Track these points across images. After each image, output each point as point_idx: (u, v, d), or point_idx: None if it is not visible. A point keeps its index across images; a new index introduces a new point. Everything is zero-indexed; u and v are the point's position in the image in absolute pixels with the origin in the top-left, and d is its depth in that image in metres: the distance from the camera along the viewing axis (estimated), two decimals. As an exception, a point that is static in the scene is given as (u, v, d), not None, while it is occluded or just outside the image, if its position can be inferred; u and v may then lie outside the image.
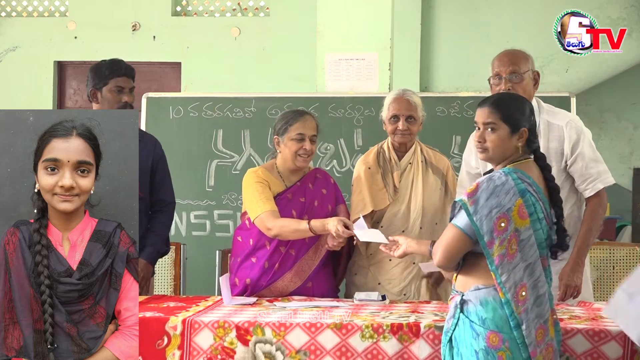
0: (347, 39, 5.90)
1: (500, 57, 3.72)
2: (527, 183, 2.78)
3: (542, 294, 2.75)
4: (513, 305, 2.71)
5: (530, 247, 2.74)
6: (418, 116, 3.93)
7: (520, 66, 3.66)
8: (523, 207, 2.73)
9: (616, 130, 8.19)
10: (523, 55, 3.71)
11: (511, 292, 2.71)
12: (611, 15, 7.37)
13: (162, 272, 4.52)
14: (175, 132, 5.72)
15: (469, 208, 2.73)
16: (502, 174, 2.77)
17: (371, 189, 3.92)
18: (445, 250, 2.81)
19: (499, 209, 2.71)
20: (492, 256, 2.72)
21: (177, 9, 7.99)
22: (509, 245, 2.71)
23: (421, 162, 3.96)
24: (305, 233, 3.69)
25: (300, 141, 3.79)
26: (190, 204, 5.68)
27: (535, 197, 2.79)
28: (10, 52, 8.06)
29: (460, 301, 2.80)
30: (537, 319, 2.72)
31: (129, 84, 3.85)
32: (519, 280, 2.71)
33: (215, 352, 3.15)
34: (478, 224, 2.72)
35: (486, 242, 2.71)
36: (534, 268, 2.74)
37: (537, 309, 2.73)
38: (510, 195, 2.72)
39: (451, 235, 2.80)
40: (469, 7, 7.66)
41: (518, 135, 2.86)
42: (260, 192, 3.78)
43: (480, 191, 2.74)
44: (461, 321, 2.79)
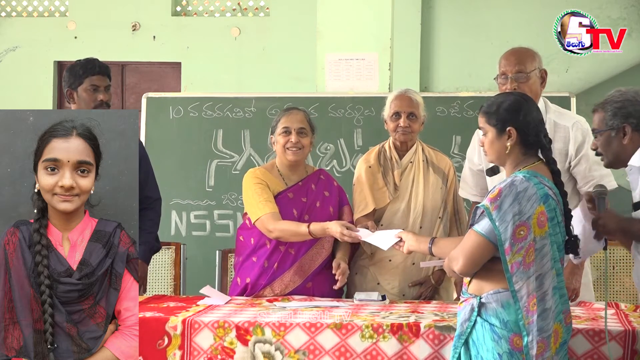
0: (347, 39, 5.90)
1: (506, 56, 3.69)
2: (547, 187, 2.76)
3: (548, 308, 2.71)
4: (523, 314, 2.69)
5: (543, 257, 2.71)
6: (420, 114, 3.93)
7: (526, 65, 3.64)
8: (543, 214, 2.71)
9: (616, 130, 8.18)
10: (530, 54, 3.69)
11: (522, 301, 2.69)
12: (611, 15, 7.38)
13: (162, 272, 4.52)
14: (175, 132, 5.72)
15: (492, 213, 2.70)
16: (523, 179, 2.73)
17: (372, 187, 3.92)
18: (469, 258, 2.77)
19: (520, 216, 2.68)
20: (509, 263, 2.69)
21: (177, 9, 7.99)
22: (527, 254, 2.69)
23: (422, 162, 3.97)
24: (305, 236, 3.69)
25: (287, 135, 3.81)
26: (190, 204, 5.68)
27: (556, 200, 2.77)
28: (10, 52, 8.06)
29: (477, 304, 2.77)
30: (539, 332, 2.69)
31: (105, 82, 3.83)
32: (532, 291, 2.69)
33: (216, 352, 3.15)
34: (501, 230, 2.69)
35: (505, 249, 2.69)
36: (543, 280, 2.71)
37: (542, 322, 2.69)
38: (532, 202, 2.70)
39: (475, 242, 2.76)
40: (469, 7, 7.66)
41: (506, 136, 2.83)
42: (260, 194, 3.78)
43: (502, 196, 2.71)
44: (479, 324, 2.76)
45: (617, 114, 2.90)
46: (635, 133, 2.89)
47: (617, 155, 2.93)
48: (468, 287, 2.84)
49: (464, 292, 2.87)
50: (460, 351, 2.81)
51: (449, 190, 3.98)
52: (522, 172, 2.79)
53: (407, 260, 3.89)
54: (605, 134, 2.93)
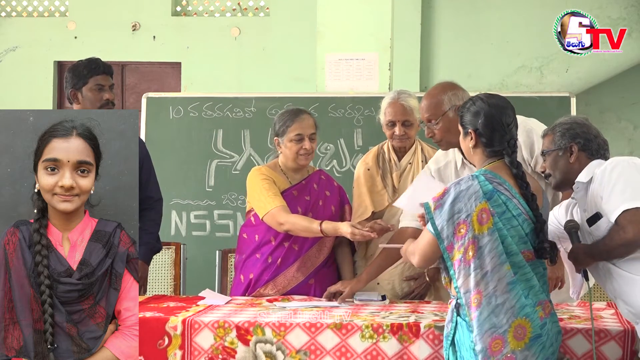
0: (347, 39, 5.91)
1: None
2: (496, 182, 2.80)
3: (500, 304, 2.72)
4: (466, 310, 2.74)
5: (488, 254, 2.73)
6: (414, 119, 3.91)
7: (433, 113, 3.57)
8: (485, 211, 2.74)
9: (616, 130, 8.18)
10: (437, 101, 3.60)
11: (465, 297, 2.74)
12: (611, 15, 7.37)
13: (162, 272, 4.52)
14: (175, 132, 5.73)
15: (433, 212, 2.79)
16: (469, 178, 2.81)
17: (371, 190, 3.93)
18: (421, 254, 2.87)
19: (459, 214, 2.75)
20: (452, 260, 2.77)
21: (177, 9, 7.99)
22: (466, 251, 2.74)
23: (421, 162, 3.96)
24: (316, 234, 3.69)
25: (300, 141, 3.80)
26: (190, 204, 5.68)
27: (507, 194, 2.80)
28: (10, 52, 8.06)
29: (455, 304, 2.82)
30: (491, 329, 2.70)
31: (109, 82, 3.83)
32: (473, 287, 2.73)
33: (216, 352, 3.15)
34: (439, 228, 2.77)
35: (446, 247, 2.77)
36: (492, 276, 2.73)
37: (494, 319, 2.71)
38: (473, 200, 2.75)
39: (426, 240, 2.85)
40: (469, 7, 7.66)
41: (469, 137, 2.92)
42: (268, 189, 3.78)
43: (445, 196, 2.79)
44: (459, 324, 2.80)
45: (565, 134, 2.98)
46: (581, 153, 2.96)
47: (565, 174, 2.99)
48: (450, 288, 2.87)
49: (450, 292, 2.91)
50: (449, 352, 2.85)
51: (448, 189, 3.98)
52: (477, 171, 2.86)
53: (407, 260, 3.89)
54: (553, 153, 3.01)
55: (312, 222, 3.69)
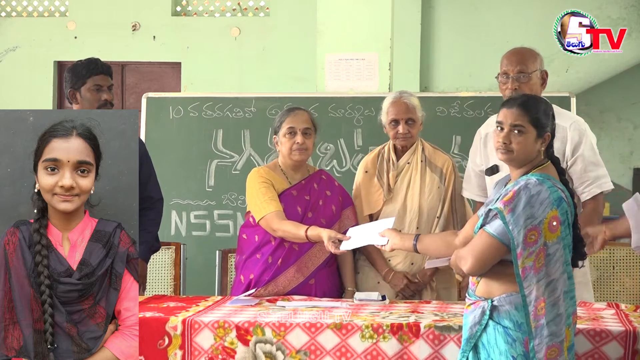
0: (347, 39, 5.90)
1: (508, 56, 3.70)
2: (560, 189, 2.75)
3: (561, 314, 2.69)
4: (531, 318, 2.68)
5: (555, 262, 2.69)
6: (417, 117, 3.93)
7: (528, 66, 3.65)
8: (556, 218, 2.69)
9: (616, 130, 8.19)
10: (532, 54, 3.69)
11: (531, 306, 2.68)
12: (611, 15, 7.37)
13: (162, 272, 4.52)
14: (175, 132, 5.72)
15: (506, 216, 2.68)
16: (536, 183, 2.72)
17: (368, 193, 3.95)
18: (478, 258, 2.75)
19: (531, 220, 2.67)
20: (520, 267, 2.67)
21: (177, 9, 7.99)
22: (537, 258, 2.67)
23: (420, 162, 3.96)
24: (303, 240, 3.70)
25: (292, 135, 3.81)
26: (190, 204, 5.68)
27: (567, 202, 2.75)
28: (10, 52, 8.06)
29: (490, 307, 2.75)
30: (550, 337, 2.67)
31: (107, 82, 3.83)
32: (540, 295, 2.67)
33: (216, 352, 3.15)
34: (515, 233, 2.67)
35: (517, 253, 2.68)
36: (556, 285, 2.69)
37: (554, 327, 2.68)
38: (544, 206, 2.68)
39: (485, 243, 2.75)
40: (469, 7, 7.67)
41: (542, 140, 2.83)
42: (264, 193, 3.79)
43: (516, 200, 2.69)
44: (491, 327, 2.74)
45: None
46: None
47: None
48: (476, 289, 2.82)
49: (470, 295, 2.84)
50: (469, 355, 2.80)
51: (446, 188, 3.96)
52: (534, 174, 2.77)
53: (407, 260, 3.90)
54: None
55: (299, 228, 3.68)
